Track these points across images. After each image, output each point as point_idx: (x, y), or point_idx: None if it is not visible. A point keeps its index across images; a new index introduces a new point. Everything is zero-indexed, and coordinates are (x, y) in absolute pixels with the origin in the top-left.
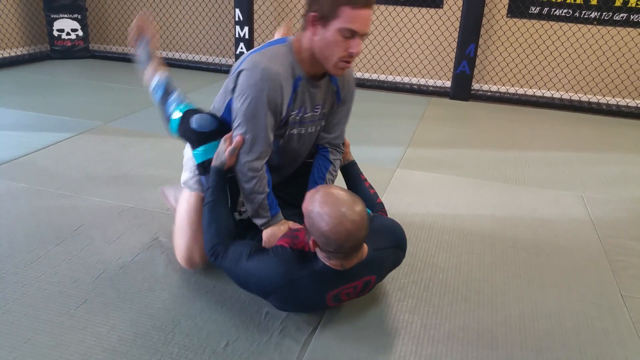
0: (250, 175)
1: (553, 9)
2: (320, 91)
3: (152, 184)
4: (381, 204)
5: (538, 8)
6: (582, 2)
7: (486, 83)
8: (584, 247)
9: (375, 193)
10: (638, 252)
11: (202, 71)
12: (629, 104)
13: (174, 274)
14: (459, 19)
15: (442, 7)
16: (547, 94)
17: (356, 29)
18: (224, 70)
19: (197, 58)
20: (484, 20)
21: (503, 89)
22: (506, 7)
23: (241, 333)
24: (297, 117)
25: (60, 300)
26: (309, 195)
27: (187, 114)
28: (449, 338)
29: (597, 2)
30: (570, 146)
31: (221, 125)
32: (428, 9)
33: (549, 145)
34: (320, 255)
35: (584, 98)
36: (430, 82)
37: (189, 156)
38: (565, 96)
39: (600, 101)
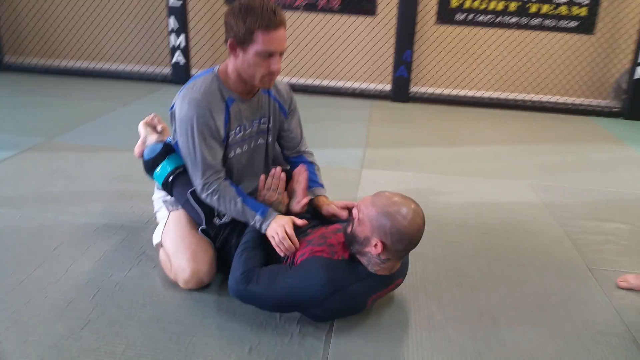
0: (211, 193)
1: (477, 15)
2: (254, 105)
3: (119, 198)
4: None
5: (464, 15)
6: (502, 9)
7: (423, 86)
8: (546, 229)
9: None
10: (592, 229)
11: (138, 81)
12: (550, 100)
13: (174, 286)
14: (395, 27)
15: (375, 16)
16: (478, 94)
17: (273, 50)
18: (160, 79)
19: (131, 68)
20: (417, 27)
21: (438, 91)
22: (435, 14)
23: (262, 337)
24: (238, 136)
25: (60, 323)
26: (368, 201)
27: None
28: (455, 321)
29: (516, 8)
30: (508, 140)
31: (164, 147)
32: (364, 16)
33: (489, 140)
34: (373, 261)
35: (511, 96)
36: (372, 86)
37: (157, 196)
38: (494, 95)
39: (525, 98)
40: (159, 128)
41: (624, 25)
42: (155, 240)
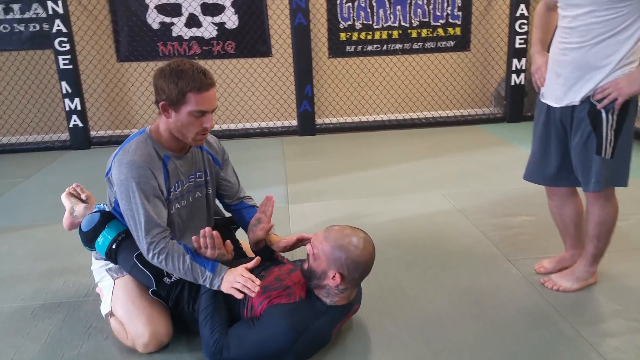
0: (158, 252)
1: (365, 46)
2: (189, 161)
3: (49, 276)
4: None
5: (353, 46)
6: (387, 37)
7: (327, 117)
8: (464, 232)
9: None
10: (503, 225)
11: (35, 152)
12: (441, 115)
13: (133, 353)
14: (292, 64)
15: (272, 56)
16: (378, 118)
17: (205, 109)
18: (58, 146)
19: (26, 139)
20: (313, 63)
21: (342, 120)
22: (327, 49)
23: None
24: (178, 191)
25: None
26: (320, 237)
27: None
28: (408, 329)
29: (399, 35)
30: (413, 157)
31: (102, 216)
32: (261, 58)
33: (396, 159)
34: (332, 292)
35: (407, 116)
36: (279, 123)
37: (97, 266)
38: (392, 117)
39: (419, 116)
40: (83, 196)
41: (494, 40)
42: (105, 310)
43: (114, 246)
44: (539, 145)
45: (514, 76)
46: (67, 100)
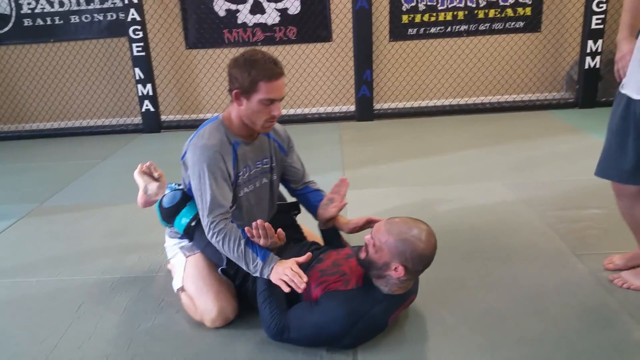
0: (217, 232)
1: (428, 28)
2: (257, 148)
3: (124, 252)
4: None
5: (415, 29)
6: (451, 19)
7: (385, 102)
8: (528, 224)
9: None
10: (571, 218)
11: (110, 135)
12: (507, 99)
13: (201, 327)
14: (352, 49)
15: (332, 41)
16: (439, 103)
17: (274, 97)
18: (131, 130)
19: (102, 122)
20: (374, 47)
21: (401, 105)
22: (388, 32)
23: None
24: (246, 176)
25: None
26: (382, 230)
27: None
28: (466, 321)
29: (464, 16)
30: (474, 144)
31: (184, 195)
32: (322, 43)
33: (457, 146)
34: (390, 284)
35: (470, 101)
36: (337, 109)
37: (170, 244)
38: (454, 102)
39: (483, 101)
40: (155, 175)
41: (568, 20)
42: (176, 285)
43: (193, 224)
44: (615, 139)
45: (588, 59)
46: (139, 86)
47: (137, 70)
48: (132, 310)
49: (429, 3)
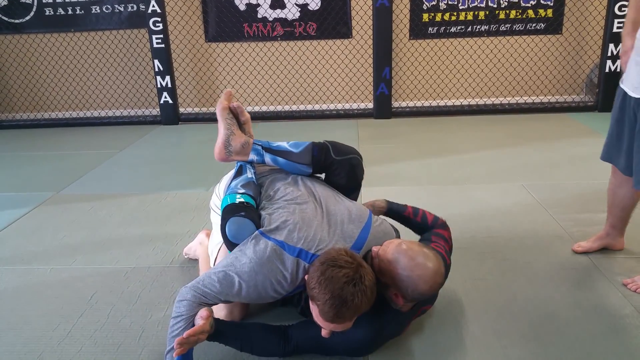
0: (181, 305)
1: (449, 27)
2: None
3: (139, 242)
4: (434, 222)
5: (436, 28)
6: (472, 19)
7: (403, 100)
8: (543, 226)
9: (423, 215)
10: (587, 222)
11: (128, 125)
12: (526, 101)
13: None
14: (371, 46)
15: (351, 38)
16: (457, 103)
17: None
18: (149, 121)
19: (120, 113)
20: (393, 45)
21: (419, 104)
22: (408, 31)
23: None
24: None
25: None
26: (389, 254)
27: (225, 214)
28: (477, 320)
29: (485, 16)
30: (492, 145)
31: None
32: (341, 40)
33: (474, 146)
34: (393, 303)
35: (489, 101)
36: (355, 106)
37: (214, 241)
38: (473, 102)
39: (502, 102)
40: (242, 119)
41: (589, 23)
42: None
43: None
44: (615, 128)
45: (609, 62)
46: (158, 78)
47: (156, 62)
48: (145, 300)
49: (450, 2)
